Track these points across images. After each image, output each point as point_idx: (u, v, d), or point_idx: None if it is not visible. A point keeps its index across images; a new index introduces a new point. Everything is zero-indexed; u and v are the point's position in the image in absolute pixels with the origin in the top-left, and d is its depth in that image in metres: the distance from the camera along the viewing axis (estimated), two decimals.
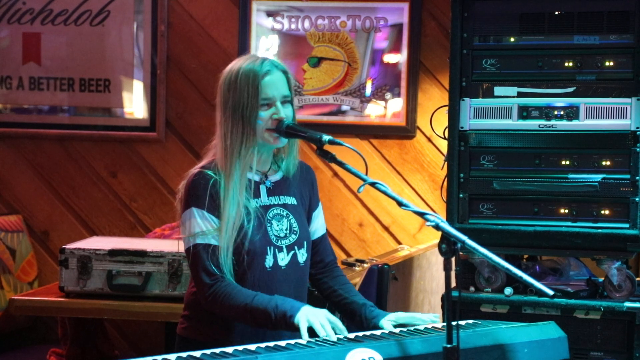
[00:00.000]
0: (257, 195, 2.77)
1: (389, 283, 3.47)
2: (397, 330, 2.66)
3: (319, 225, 2.94)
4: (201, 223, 2.70)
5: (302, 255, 2.82)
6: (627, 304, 3.40)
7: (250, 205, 2.73)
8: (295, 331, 2.56)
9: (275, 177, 2.84)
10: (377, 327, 2.70)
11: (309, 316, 2.55)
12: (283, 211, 2.81)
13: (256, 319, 2.63)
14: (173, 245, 3.93)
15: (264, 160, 2.82)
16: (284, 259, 2.78)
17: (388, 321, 2.70)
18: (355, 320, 2.80)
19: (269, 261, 2.75)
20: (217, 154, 2.76)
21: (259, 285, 2.72)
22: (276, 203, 2.81)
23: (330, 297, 2.89)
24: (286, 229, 2.80)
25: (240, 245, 2.70)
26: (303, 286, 2.86)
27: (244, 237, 2.70)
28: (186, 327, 2.83)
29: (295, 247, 2.80)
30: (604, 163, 3.45)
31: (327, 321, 2.54)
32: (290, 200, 2.84)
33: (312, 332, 2.53)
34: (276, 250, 2.76)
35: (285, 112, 2.76)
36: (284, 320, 2.58)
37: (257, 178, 2.79)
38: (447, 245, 2.33)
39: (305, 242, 2.83)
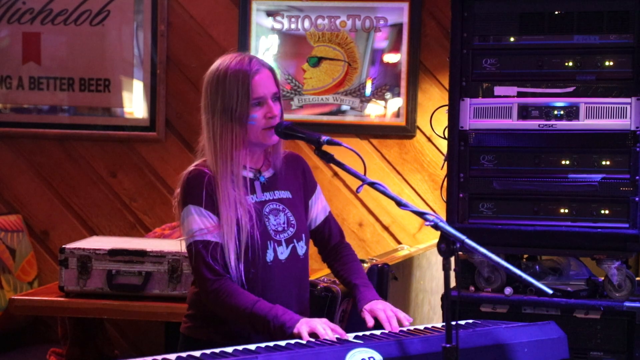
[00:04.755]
0: (252, 191, 2.78)
1: (389, 283, 3.46)
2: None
3: (319, 210, 2.95)
4: (199, 220, 2.70)
5: (301, 248, 2.83)
6: (627, 304, 3.40)
7: (247, 202, 2.73)
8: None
9: (269, 172, 2.85)
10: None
11: (309, 323, 2.56)
12: (279, 205, 2.82)
13: (254, 325, 2.63)
14: (173, 245, 3.93)
15: (257, 158, 2.82)
16: (283, 252, 2.78)
17: (366, 311, 2.74)
18: (354, 303, 2.86)
19: (269, 256, 2.75)
20: (207, 157, 2.76)
21: (261, 281, 2.73)
22: (271, 198, 2.82)
23: (338, 279, 2.95)
24: (283, 223, 2.80)
25: (240, 242, 2.70)
26: (304, 279, 2.88)
27: (244, 234, 2.70)
28: (190, 327, 2.83)
29: (294, 240, 2.81)
30: (603, 163, 3.45)
31: (327, 327, 2.55)
32: (285, 194, 2.85)
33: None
34: (275, 244, 2.77)
35: (276, 110, 2.76)
36: (281, 331, 2.58)
37: (251, 175, 2.79)
38: (446, 245, 2.33)
39: (303, 235, 2.84)
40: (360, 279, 2.87)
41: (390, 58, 4.67)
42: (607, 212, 3.44)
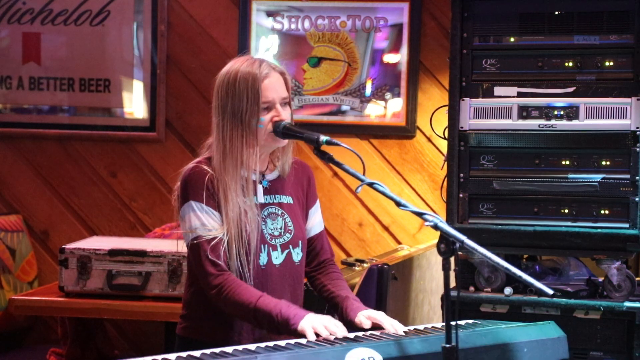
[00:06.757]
0: (253, 193, 2.77)
1: (389, 283, 3.46)
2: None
3: (316, 223, 2.94)
4: (201, 216, 2.70)
5: (297, 255, 2.83)
6: (627, 304, 3.40)
7: (246, 204, 2.73)
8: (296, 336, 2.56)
9: (272, 175, 2.85)
10: (354, 321, 2.69)
11: (314, 323, 2.55)
12: (278, 210, 2.81)
13: (259, 321, 2.63)
14: (173, 245, 3.92)
15: (262, 160, 2.82)
16: (278, 257, 2.78)
17: (363, 316, 2.69)
18: (338, 312, 2.81)
19: (262, 259, 2.75)
20: (215, 157, 2.75)
21: (254, 283, 2.72)
22: (271, 202, 2.81)
23: (322, 292, 2.90)
24: (281, 228, 2.80)
25: (236, 243, 2.70)
26: (299, 285, 2.86)
27: (240, 236, 2.70)
28: (185, 327, 2.83)
29: (290, 246, 2.81)
30: (604, 163, 3.45)
31: (332, 327, 2.54)
32: (286, 199, 2.85)
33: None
34: (270, 248, 2.77)
35: (285, 114, 2.76)
36: (286, 327, 2.58)
37: (254, 177, 2.79)
38: (446, 245, 2.33)
39: (300, 242, 2.84)
40: (352, 293, 2.86)
41: (390, 58, 4.67)
42: (607, 212, 3.44)
